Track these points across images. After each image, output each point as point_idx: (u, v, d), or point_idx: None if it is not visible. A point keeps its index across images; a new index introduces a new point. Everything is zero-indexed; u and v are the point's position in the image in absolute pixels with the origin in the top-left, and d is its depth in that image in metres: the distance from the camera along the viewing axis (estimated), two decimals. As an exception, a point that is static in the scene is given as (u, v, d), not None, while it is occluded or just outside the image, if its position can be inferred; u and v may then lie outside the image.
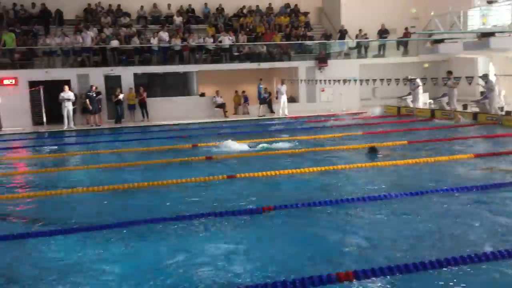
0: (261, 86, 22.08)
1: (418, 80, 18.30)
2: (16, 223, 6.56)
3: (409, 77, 17.82)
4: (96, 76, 20.64)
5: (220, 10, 25.31)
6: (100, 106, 20.12)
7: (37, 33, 21.92)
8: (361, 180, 8.24)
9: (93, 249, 5.32)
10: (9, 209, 7.21)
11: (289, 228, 5.94)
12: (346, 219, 6.11)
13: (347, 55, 24.64)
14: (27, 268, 4.89)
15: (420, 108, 19.04)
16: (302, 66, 23.14)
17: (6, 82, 19.75)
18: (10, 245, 5.53)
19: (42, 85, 19.19)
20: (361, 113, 20.19)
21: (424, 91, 19.75)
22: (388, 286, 4.14)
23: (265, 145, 12.08)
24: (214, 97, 21.85)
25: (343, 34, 24.41)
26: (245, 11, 25.76)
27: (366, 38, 24.32)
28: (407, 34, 24.10)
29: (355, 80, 17.48)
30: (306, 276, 3.98)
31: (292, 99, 23.11)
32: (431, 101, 20.36)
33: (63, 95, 18.93)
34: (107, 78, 20.96)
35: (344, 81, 17.67)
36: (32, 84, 19.77)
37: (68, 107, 19.09)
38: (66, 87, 19.12)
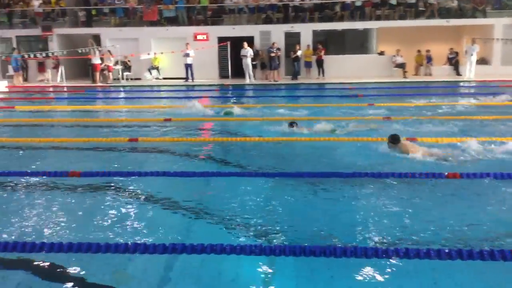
0: None
1: None
2: (205, 162, 7.26)
3: None
4: (277, 33, 21.31)
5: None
6: (278, 63, 20.84)
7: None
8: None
9: (273, 193, 5.65)
10: (198, 150, 8.00)
11: (474, 197, 5.46)
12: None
13: (559, 10, 20.92)
14: (216, 203, 5.41)
15: None
16: (499, 24, 20.40)
17: (199, 37, 21.72)
18: (202, 181, 6.14)
19: (229, 41, 20.61)
20: None
21: None
22: None
23: (229, 109, 11.34)
24: (394, 56, 20.81)
25: (557, -15, 20.72)
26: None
27: None
28: None
29: None
30: (485, 249, 3.61)
31: (482, 61, 20.71)
32: None
33: (242, 51, 20.14)
34: (287, 35, 21.50)
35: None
36: (221, 40, 21.38)
37: (247, 62, 20.25)
38: (245, 44, 20.23)
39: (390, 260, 3.74)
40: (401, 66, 20.41)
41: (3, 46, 23.64)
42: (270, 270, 3.85)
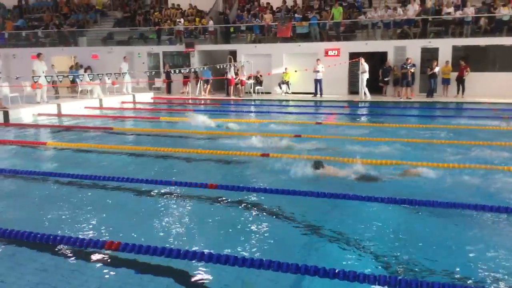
0: None
1: None
2: (333, 183, 7.13)
3: None
4: (413, 48, 20.47)
5: None
6: (412, 79, 19.98)
7: (361, 6, 23.21)
8: None
9: (404, 221, 5.41)
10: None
11: None
12: None
13: None
14: (344, 227, 5.32)
15: None
16: None
17: (330, 53, 21.79)
18: (331, 203, 6.04)
19: (361, 56, 20.33)
20: None
21: None
22: None
23: (232, 124, 11.98)
24: (548, 74, 18.68)
25: None
26: None
27: None
28: None
29: None
30: None
31: None
32: None
33: (361, 67, 19.78)
34: (423, 50, 20.53)
35: None
36: (352, 55, 21.18)
37: (363, 78, 19.75)
38: (362, 59, 19.74)
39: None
40: (556, 85, 18.22)
41: (151, 60, 26.19)
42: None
